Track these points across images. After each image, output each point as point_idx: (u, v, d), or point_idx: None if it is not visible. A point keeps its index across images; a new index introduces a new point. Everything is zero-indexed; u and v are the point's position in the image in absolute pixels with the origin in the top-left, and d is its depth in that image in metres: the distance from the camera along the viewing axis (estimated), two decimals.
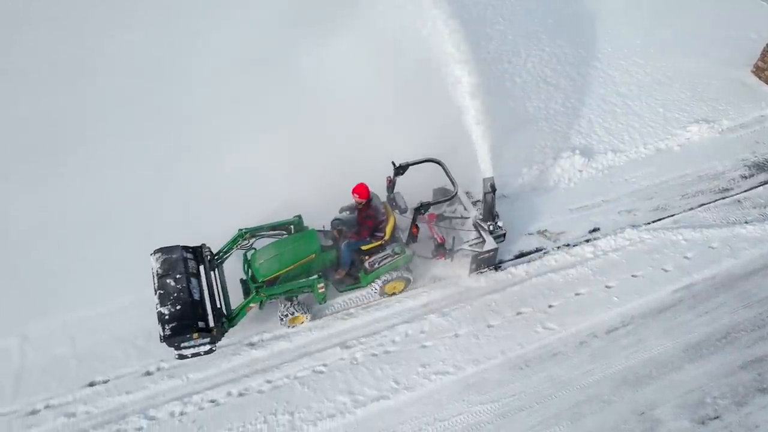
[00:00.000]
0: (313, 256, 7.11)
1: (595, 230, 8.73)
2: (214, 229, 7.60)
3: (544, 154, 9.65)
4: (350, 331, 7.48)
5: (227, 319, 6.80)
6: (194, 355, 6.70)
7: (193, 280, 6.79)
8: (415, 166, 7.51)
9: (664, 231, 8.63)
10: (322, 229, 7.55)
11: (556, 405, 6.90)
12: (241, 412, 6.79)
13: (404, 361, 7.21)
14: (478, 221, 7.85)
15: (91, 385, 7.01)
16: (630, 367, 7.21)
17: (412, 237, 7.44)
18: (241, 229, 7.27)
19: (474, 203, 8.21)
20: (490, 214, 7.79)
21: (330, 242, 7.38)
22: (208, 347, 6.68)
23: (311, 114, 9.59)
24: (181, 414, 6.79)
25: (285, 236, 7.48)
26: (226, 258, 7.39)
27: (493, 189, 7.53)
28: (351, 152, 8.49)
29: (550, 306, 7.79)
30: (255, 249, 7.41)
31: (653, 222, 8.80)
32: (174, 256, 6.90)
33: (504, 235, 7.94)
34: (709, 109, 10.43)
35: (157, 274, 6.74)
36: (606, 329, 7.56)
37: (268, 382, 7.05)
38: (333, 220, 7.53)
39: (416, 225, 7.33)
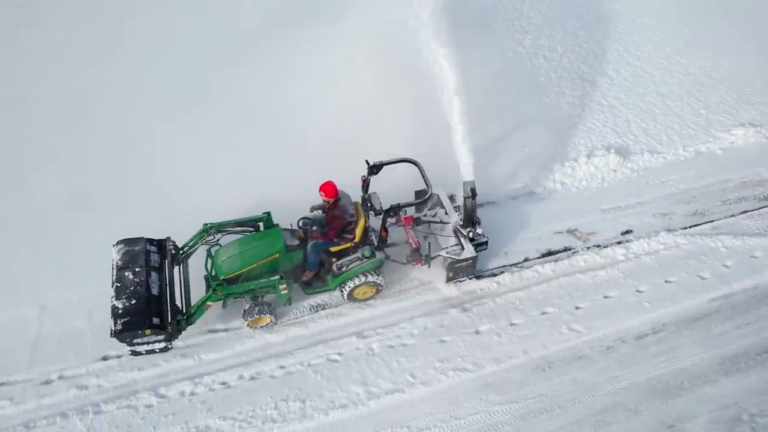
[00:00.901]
0: (277, 255, 6.73)
1: (627, 232, 8.34)
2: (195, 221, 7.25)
3: (577, 151, 9.29)
4: (367, 321, 7.27)
5: (184, 316, 6.58)
6: (149, 352, 6.49)
7: (154, 274, 6.54)
8: (391, 166, 7.08)
9: (701, 237, 8.19)
10: (290, 227, 7.18)
11: (578, 410, 6.57)
12: (251, 396, 6.65)
13: (422, 354, 6.97)
14: (458, 227, 7.41)
15: (105, 359, 6.96)
16: (659, 377, 6.83)
17: (382, 241, 7.04)
18: (206, 224, 6.92)
19: (456, 208, 7.74)
20: (469, 220, 7.30)
21: (296, 242, 6.99)
22: (163, 344, 6.46)
23: (299, 111, 9.59)
24: (192, 394, 6.67)
25: (250, 234, 7.12)
26: (192, 253, 7.06)
27: (473, 194, 7.01)
28: (337, 151, 8.35)
29: (576, 307, 7.45)
30: (220, 245, 7.10)
31: (690, 227, 8.37)
32: (136, 248, 6.65)
33: (486, 243, 7.43)
34: (757, 112, 9.90)
35: (116, 266, 6.51)
36: (635, 335, 7.19)
37: (281, 367, 6.89)
38: (300, 219, 7.05)
39: (386, 228, 6.99)
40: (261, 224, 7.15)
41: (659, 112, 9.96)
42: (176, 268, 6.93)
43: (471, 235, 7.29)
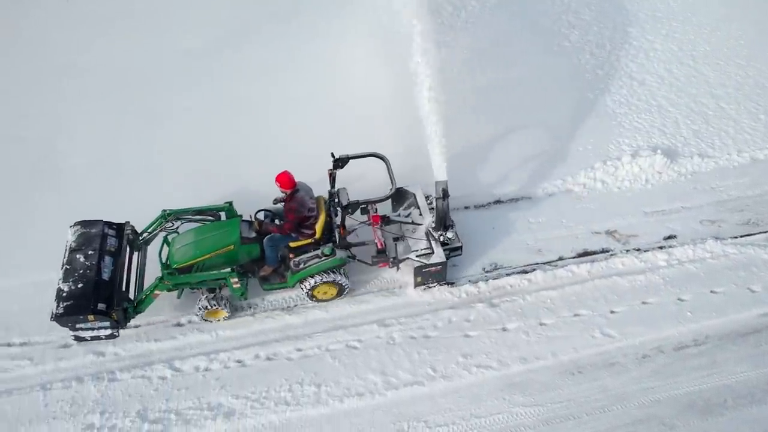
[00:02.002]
0: (232, 247, 6.44)
1: (671, 237, 7.85)
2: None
3: (621, 150, 8.83)
4: (390, 309, 7.02)
5: (133, 304, 6.40)
6: (94, 338, 6.35)
7: (108, 259, 6.36)
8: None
9: (754, 248, 7.63)
10: (249, 219, 6.85)
11: (608, 420, 6.16)
12: (266, 376, 6.47)
13: (444, 348, 6.66)
14: (430, 230, 7.00)
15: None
16: (700, 392, 6.35)
17: (341, 238, 6.70)
18: (165, 210, 6.74)
19: (432, 209, 7.27)
20: (441, 222, 6.90)
21: (253, 234, 6.63)
22: (109, 331, 6.28)
23: (290, 102, 9.41)
24: (206, 370, 6.54)
25: (208, 223, 6.89)
26: (151, 240, 6.92)
27: (445, 194, 6.61)
28: (323, 143, 7.71)
29: (612, 311, 7.02)
30: (177, 233, 6.88)
31: (741, 236, 7.82)
32: (93, 230, 6.49)
33: (460, 248, 7.05)
34: None
35: (69, 248, 6.37)
36: (675, 345, 6.72)
37: (299, 350, 6.69)
38: (257, 211, 6.78)
39: (344, 226, 6.68)
40: (222, 214, 6.94)
41: (712, 114, 9.40)
42: (135, 255, 6.78)
43: (442, 239, 6.88)
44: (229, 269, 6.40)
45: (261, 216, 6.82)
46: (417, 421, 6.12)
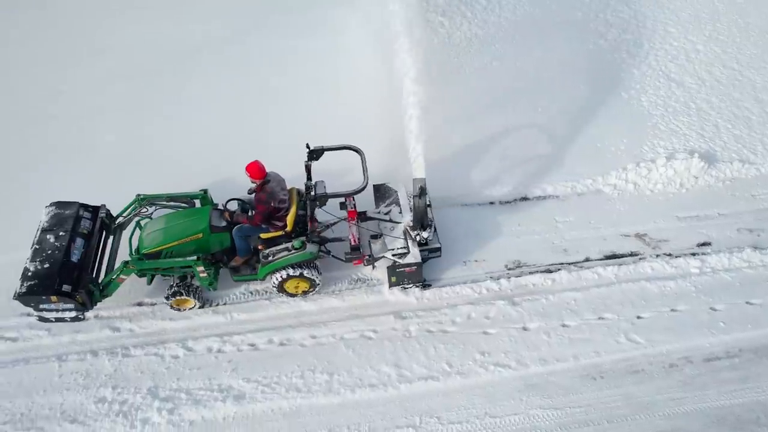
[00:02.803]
0: (200, 235, 6.35)
1: (705, 244, 7.50)
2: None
3: (656, 152, 8.49)
4: (408, 302, 6.85)
5: (99, 288, 6.30)
6: (58, 320, 6.28)
7: (79, 241, 6.29)
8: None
9: None
10: (221, 208, 6.69)
11: (630, 429, 5.90)
12: (278, 361, 6.38)
13: (462, 344, 6.47)
14: (408, 229, 6.74)
15: (139, 305, 6.89)
16: (730, 407, 6.03)
17: (310, 232, 6.50)
18: (139, 195, 6.70)
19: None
20: (419, 221, 6.63)
21: (223, 224, 6.47)
22: (74, 314, 6.22)
23: (289, 95, 9.30)
24: (219, 351, 6.49)
25: (180, 210, 6.80)
26: (127, 224, 6.84)
27: (422, 192, 6.35)
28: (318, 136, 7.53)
29: (638, 317, 6.73)
30: (150, 218, 6.84)
31: None
32: (67, 212, 6.45)
33: (438, 249, 6.83)
34: None
35: (41, 228, 6.33)
36: (705, 356, 6.40)
37: (313, 337, 6.59)
38: (228, 200, 6.62)
39: (314, 219, 6.49)
40: (197, 202, 6.84)
41: (756, 119, 8.97)
42: (110, 239, 6.73)
43: (419, 238, 6.64)
44: (194, 257, 6.26)
45: (233, 206, 6.64)
46: (429, 416, 5.95)
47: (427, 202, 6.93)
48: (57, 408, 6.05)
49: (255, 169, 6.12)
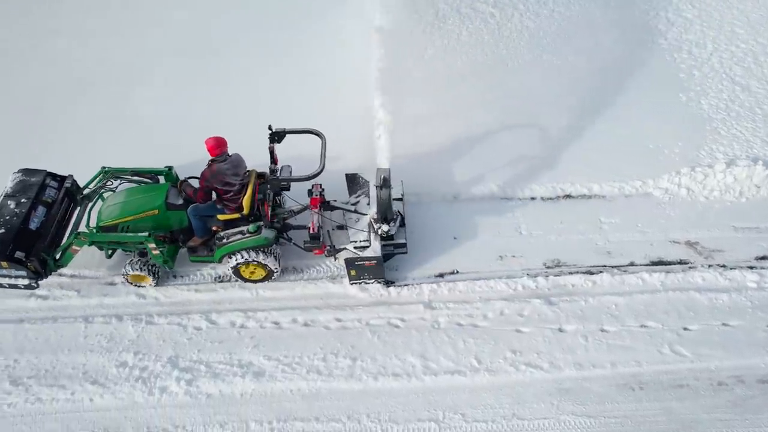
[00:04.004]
0: (156, 212, 6.22)
1: (764, 258, 6.96)
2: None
3: (714, 158, 7.96)
4: (438, 292, 6.58)
5: (53, 258, 6.18)
6: (11, 286, 6.14)
7: (41, 209, 6.15)
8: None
9: None
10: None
11: None
12: (301, 342, 6.21)
13: (493, 340, 6.16)
14: (373, 221, 6.40)
15: (166, 273, 6.84)
16: None
17: (263, 216, 6.24)
18: (104, 167, 6.60)
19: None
20: (382, 214, 6.28)
21: (180, 201, 6.32)
22: (27, 281, 6.09)
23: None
24: (242, 327, 6.36)
25: (141, 185, 6.67)
26: (94, 196, 6.72)
27: (386, 184, 5.97)
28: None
29: (685, 328, 6.27)
30: (113, 191, 6.73)
31: None
32: (33, 179, 6.32)
33: (404, 245, 6.47)
34: None
35: (4, 194, 6.23)
36: (759, 377, 5.90)
37: (338, 320, 6.39)
38: (187, 178, 6.39)
39: (268, 202, 6.20)
40: (162, 178, 6.68)
41: None
42: (77, 210, 6.64)
43: (380, 232, 6.29)
44: (146, 234, 6.13)
45: (190, 185, 6.34)
46: (454, 412, 5.67)
47: (400, 196, 6.72)
48: (80, 368, 6.04)
49: (211, 144, 5.88)
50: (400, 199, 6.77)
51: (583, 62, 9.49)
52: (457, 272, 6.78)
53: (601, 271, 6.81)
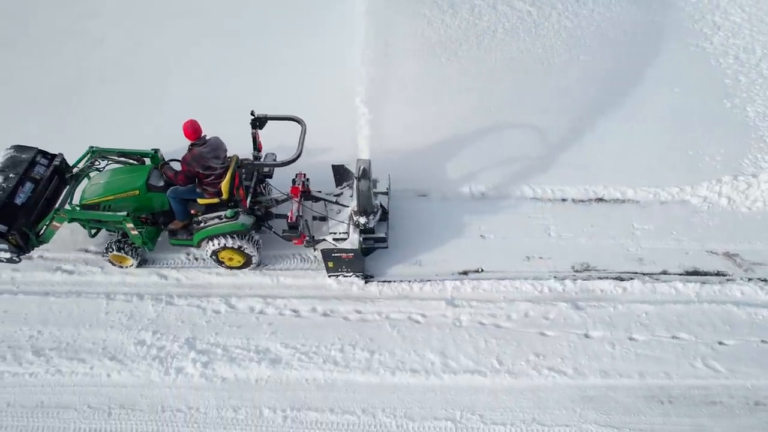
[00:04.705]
0: (137, 192, 6.19)
1: None
2: None
3: (759, 167, 7.60)
4: (462, 289, 6.42)
5: (35, 233, 6.20)
6: None
7: (29, 185, 6.19)
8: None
9: None
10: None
11: None
12: (319, 331, 6.13)
13: (515, 342, 5.98)
14: (353, 213, 6.26)
15: (187, 254, 6.85)
16: None
17: (239, 201, 6.16)
18: (92, 147, 6.62)
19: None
20: (362, 206, 6.13)
21: (161, 183, 6.29)
22: (8, 255, 6.12)
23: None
24: (260, 312, 6.31)
25: (125, 166, 6.66)
26: (82, 175, 6.69)
27: (365, 175, 5.80)
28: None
29: (720, 343, 5.98)
30: (99, 170, 6.74)
31: None
32: (23, 156, 6.36)
33: (384, 239, 6.33)
34: None
35: None
36: None
37: (358, 312, 6.29)
38: (168, 161, 6.42)
39: (244, 187, 6.11)
40: (148, 160, 6.65)
41: None
42: (65, 189, 6.63)
43: (360, 224, 6.14)
44: (124, 213, 6.11)
45: (171, 168, 6.30)
46: (471, 412, 5.50)
47: (385, 190, 6.63)
48: (100, 343, 6.08)
49: (188, 128, 5.81)
50: (386, 194, 6.69)
51: (622, 64, 9.20)
52: (482, 271, 6.62)
53: (631, 278, 6.55)
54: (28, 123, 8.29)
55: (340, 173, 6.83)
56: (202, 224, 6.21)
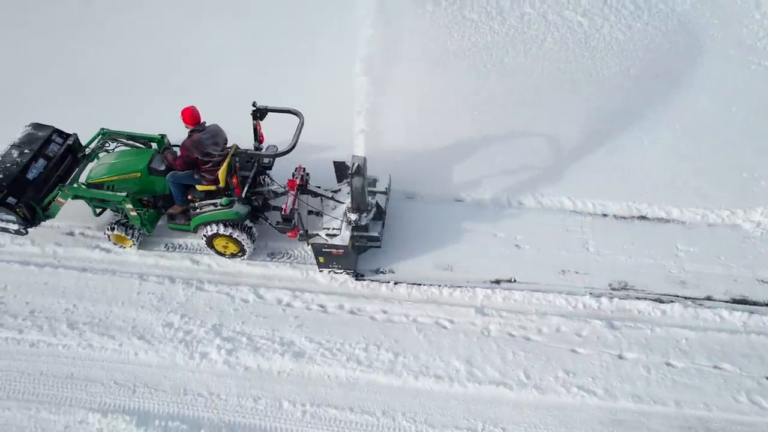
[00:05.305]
0: (138, 175, 6.35)
1: None
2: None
3: None
4: (492, 298, 6.26)
5: (42, 207, 6.43)
6: (2, 229, 6.48)
7: (41, 161, 6.47)
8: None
9: None
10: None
11: None
12: (345, 329, 6.07)
13: (545, 357, 5.77)
14: (347, 210, 6.22)
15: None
16: None
17: (232, 188, 6.17)
18: (103, 129, 6.89)
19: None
20: (356, 203, 6.07)
21: (163, 167, 6.38)
22: (16, 227, 6.39)
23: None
24: (288, 305, 6.30)
25: (131, 148, 6.88)
26: (93, 156, 6.86)
27: (358, 172, 5.70)
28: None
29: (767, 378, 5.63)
30: (108, 152, 6.93)
31: None
32: (40, 133, 6.65)
33: (377, 239, 6.27)
34: None
35: (11, 143, 6.56)
36: None
37: (385, 312, 6.20)
38: (170, 146, 6.59)
39: (236, 174, 6.08)
40: (154, 145, 6.85)
41: None
42: (77, 168, 6.81)
43: (353, 221, 6.12)
44: (124, 194, 6.27)
45: (173, 152, 6.38)
46: (494, 425, 5.33)
47: (384, 190, 6.62)
48: (130, 322, 6.18)
49: (187, 115, 5.91)
50: (384, 193, 6.66)
51: (674, 80, 8.90)
52: (515, 281, 6.44)
53: (672, 301, 6.25)
54: (76, 105, 8.59)
55: (342, 170, 6.84)
56: (198, 210, 6.36)
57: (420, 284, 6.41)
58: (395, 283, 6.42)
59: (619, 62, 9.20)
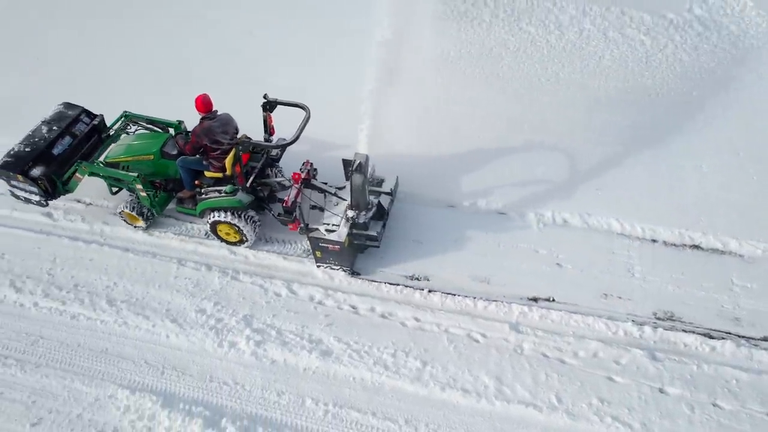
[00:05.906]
0: (151, 157, 6.60)
1: None
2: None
3: None
4: (528, 315, 6.05)
5: (62, 181, 6.66)
6: (26, 200, 6.80)
7: (68, 139, 6.78)
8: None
9: None
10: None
11: None
12: (375, 332, 5.98)
13: (579, 382, 5.52)
14: (347, 207, 6.22)
15: (259, 238, 6.96)
16: None
17: (236, 177, 6.27)
18: (125, 112, 7.18)
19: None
20: (356, 200, 6.07)
21: (175, 152, 6.59)
22: (38, 198, 6.69)
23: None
24: (319, 303, 6.27)
25: (148, 132, 7.13)
26: (117, 137, 7.14)
27: (360, 169, 5.70)
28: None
29: None
30: (127, 134, 7.21)
31: None
32: (70, 112, 6.98)
33: (375, 238, 6.21)
34: None
35: (42, 120, 6.88)
36: None
37: (417, 320, 6.09)
38: (182, 132, 6.80)
39: (240, 164, 6.14)
40: (171, 130, 7.07)
41: None
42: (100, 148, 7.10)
43: (352, 218, 6.12)
44: (135, 175, 6.48)
45: (184, 137, 6.53)
46: None
47: (389, 191, 6.63)
48: (165, 304, 6.29)
49: (199, 102, 6.06)
50: (389, 194, 6.62)
51: (742, 106, 8.44)
52: (553, 300, 6.21)
53: (723, 338, 5.87)
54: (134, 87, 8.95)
55: (347, 166, 6.80)
56: (204, 196, 6.50)
57: (455, 294, 6.27)
58: (429, 291, 6.30)
59: (681, 84, 8.81)
